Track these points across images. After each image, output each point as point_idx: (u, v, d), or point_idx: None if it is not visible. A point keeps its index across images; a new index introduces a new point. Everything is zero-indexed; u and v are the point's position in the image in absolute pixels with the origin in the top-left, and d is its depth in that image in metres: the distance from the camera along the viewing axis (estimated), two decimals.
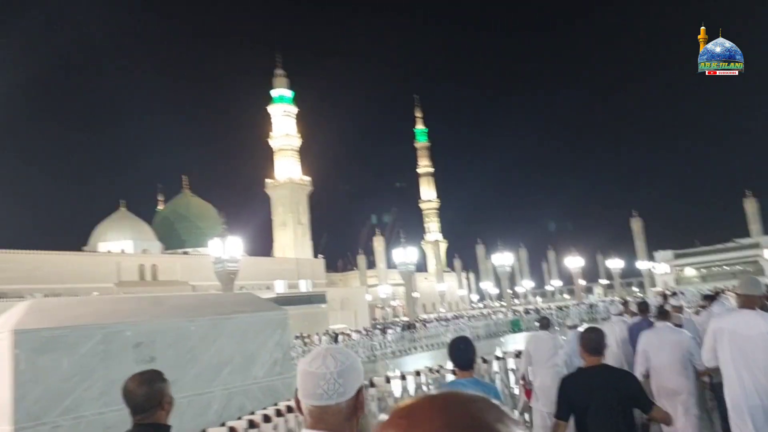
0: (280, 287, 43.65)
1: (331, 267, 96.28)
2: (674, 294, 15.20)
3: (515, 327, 39.22)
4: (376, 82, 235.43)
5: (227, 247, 37.60)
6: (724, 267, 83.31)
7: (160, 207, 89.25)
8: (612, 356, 8.94)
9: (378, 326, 41.25)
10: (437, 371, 8.18)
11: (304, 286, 45.46)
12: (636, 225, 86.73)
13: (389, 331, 33.44)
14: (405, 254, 52.18)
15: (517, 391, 8.46)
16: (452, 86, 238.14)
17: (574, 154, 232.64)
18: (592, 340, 4.00)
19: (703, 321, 8.36)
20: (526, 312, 46.19)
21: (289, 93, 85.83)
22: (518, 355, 9.51)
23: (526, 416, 8.61)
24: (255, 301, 6.05)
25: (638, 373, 6.14)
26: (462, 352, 3.85)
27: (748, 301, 4.53)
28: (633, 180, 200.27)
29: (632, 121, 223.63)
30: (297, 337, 32.94)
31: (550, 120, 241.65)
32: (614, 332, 8.83)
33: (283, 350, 5.91)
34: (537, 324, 8.12)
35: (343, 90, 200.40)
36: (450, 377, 8.04)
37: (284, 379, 5.65)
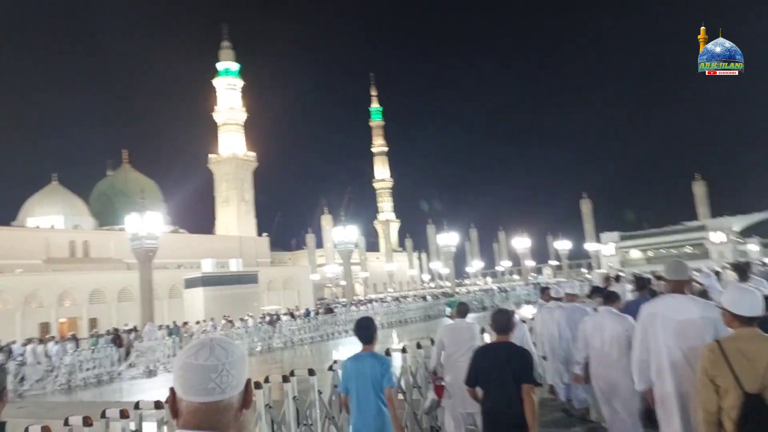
0: (207, 266, 41.38)
1: (285, 246, 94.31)
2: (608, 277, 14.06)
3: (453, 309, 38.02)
4: (330, 57, 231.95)
5: (145, 222, 35.37)
6: (671, 249, 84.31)
7: None
8: (553, 350, 7.92)
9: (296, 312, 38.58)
10: None
11: (234, 266, 43.34)
12: (585, 207, 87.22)
13: (284, 318, 30.57)
14: (345, 233, 50.74)
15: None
16: (406, 62, 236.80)
17: (526, 137, 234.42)
18: (497, 321, 4.59)
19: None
20: (443, 295, 44.40)
21: (235, 66, 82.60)
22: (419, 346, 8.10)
23: (437, 415, 7.14)
24: None
25: (580, 357, 6.19)
26: (364, 330, 4.68)
27: (677, 286, 4.49)
28: (584, 162, 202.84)
29: (583, 102, 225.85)
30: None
31: (502, 100, 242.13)
32: (550, 321, 7.91)
33: None
34: (447, 311, 7.04)
35: (294, 65, 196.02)
36: None
37: None
